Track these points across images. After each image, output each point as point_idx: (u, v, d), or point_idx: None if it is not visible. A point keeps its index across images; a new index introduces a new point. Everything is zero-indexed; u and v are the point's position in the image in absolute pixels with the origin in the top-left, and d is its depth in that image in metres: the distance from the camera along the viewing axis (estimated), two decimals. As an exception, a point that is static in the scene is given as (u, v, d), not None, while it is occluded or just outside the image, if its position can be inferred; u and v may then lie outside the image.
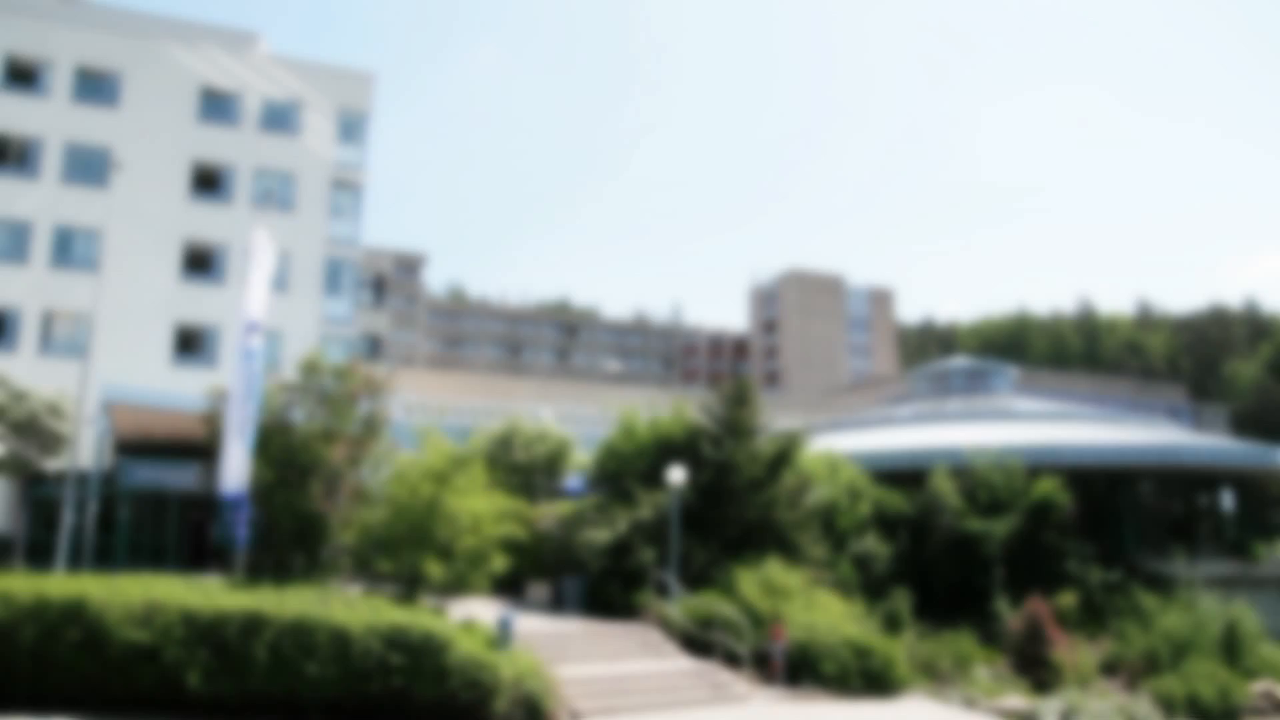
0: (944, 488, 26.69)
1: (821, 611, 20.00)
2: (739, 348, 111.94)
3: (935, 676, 20.58)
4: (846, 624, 19.87)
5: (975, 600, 25.19)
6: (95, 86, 39.48)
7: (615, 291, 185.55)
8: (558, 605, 23.35)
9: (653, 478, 23.56)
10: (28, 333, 36.81)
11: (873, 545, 25.20)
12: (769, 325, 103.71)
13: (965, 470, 27.96)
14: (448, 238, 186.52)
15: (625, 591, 21.68)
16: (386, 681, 11.82)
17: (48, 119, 38.41)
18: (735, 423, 24.03)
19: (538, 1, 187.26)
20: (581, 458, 29.21)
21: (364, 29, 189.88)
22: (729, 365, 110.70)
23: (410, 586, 16.75)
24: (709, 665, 18.21)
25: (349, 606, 12.64)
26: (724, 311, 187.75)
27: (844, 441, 32.87)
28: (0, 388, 25.95)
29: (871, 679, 18.56)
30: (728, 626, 18.94)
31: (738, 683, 17.77)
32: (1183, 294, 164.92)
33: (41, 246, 37.52)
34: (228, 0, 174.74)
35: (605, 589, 22.24)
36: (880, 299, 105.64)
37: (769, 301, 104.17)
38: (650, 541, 21.99)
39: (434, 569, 16.21)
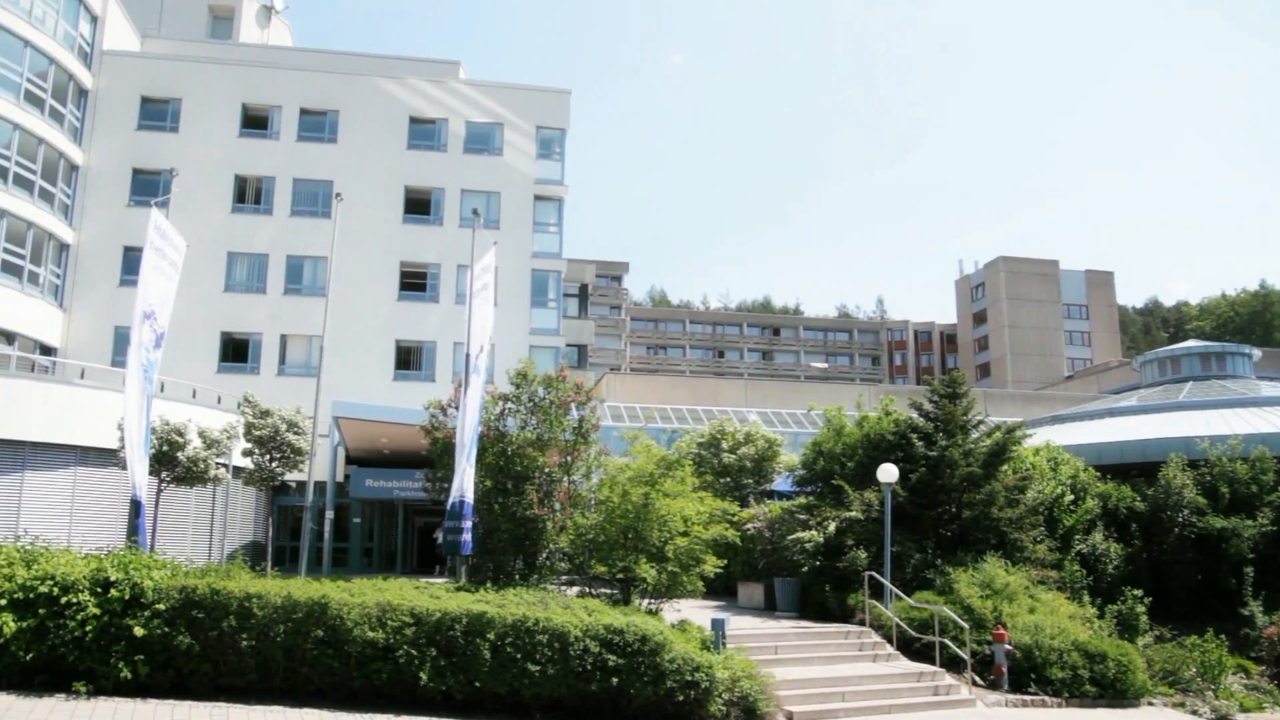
0: (1179, 481, 24.85)
1: (1046, 613, 19.01)
2: (948, 341, 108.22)
3: (1177, 685, 19.11)
4: (1074, 627, 18.80)
5: (1219, 604, 23.29)
6: (317, 125, 42.49)
7: (817, 290, 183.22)
8: (770, 607, 23.25)
9: (862, 477, 23.10)
10: (268, 356, 39.95)
11: (1100, 544, 23.75)
12: (979, 316, 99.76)
13: (1203, 462, 25.96)
14: (648, 244, 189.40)
15: (838, 593, 21.33)
16: (605, 682, 12.08)
17: (278, 159, 41.61)
18: (947, 418, 23.23)
19: (727, 6, 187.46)
20: (789, 458, 28.96)
21: (554, 45, 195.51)
22: (937, 359, 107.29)
23: (624, 589, 17.04)
24: (928, 668, 17.66)
25: (566, 609, 13.00)
26: (930, 304, 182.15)
27: (1065, 434, 31.19)
28: (248, 407, 28.19)
29: (1105, 686, 17.50)
30: (947, 628, 18.32)
31: (960, 687, 17.16)
32: None
33: (277, 276, 40.69)
34: (429, 31, 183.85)
35: (817, 590, 21.96)
36: (1099, 282, 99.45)
37: (978, 291, 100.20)
38: (861, 542, 21.56)
39: (647, 571, 16.42)
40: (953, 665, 17.97)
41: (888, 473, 20.54)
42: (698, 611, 19.55)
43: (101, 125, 40.55)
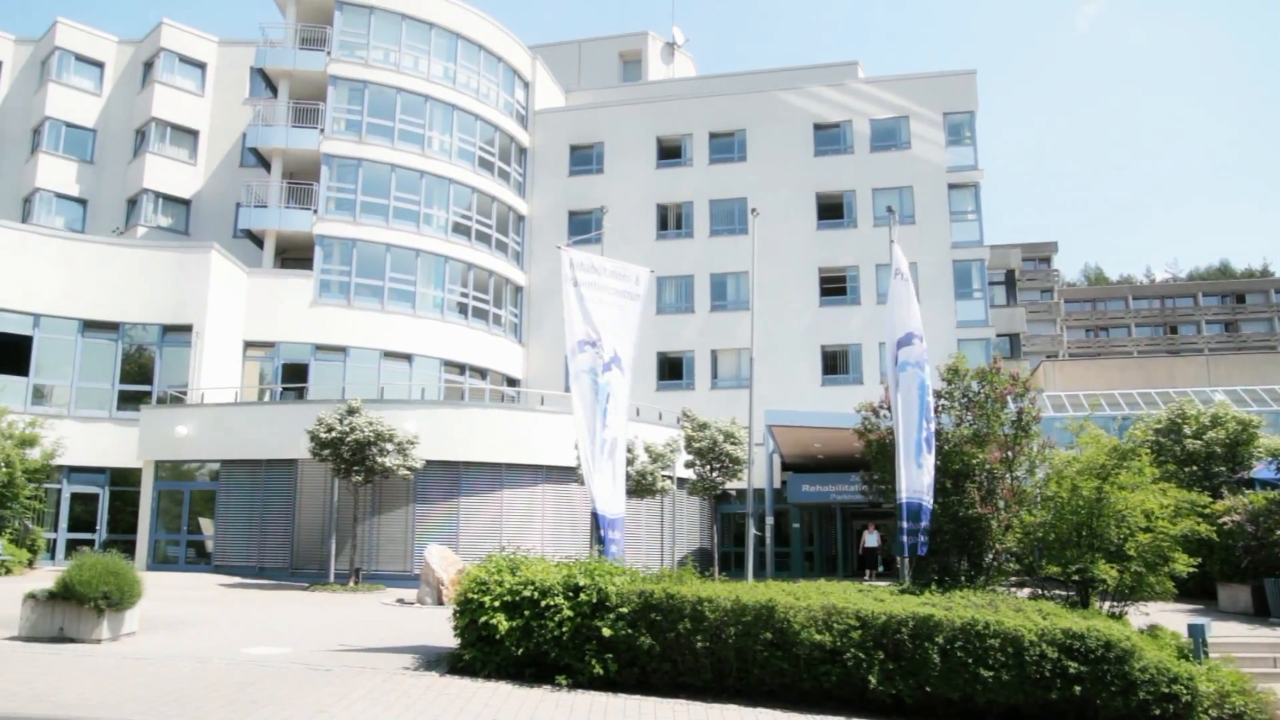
0: None
1: None
2: None
3: None
4: None
5: None
6: (726, 146, 44.26)
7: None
8: (1260, 612, 20.47)
9: (1371, 457, 19.72)
10: (701, 371, 42.06)
11: None
12: None
13: None
14: (1076, 220, 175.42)
15: (1353, 595, 18.32)
16: (1066, 690, 11.26)
17: (693, 184, 43.86)
18: None
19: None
20: (1270, 440, 25.47)
21: (949, 22, 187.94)
22: None
23: (1081, 591, 15.81)
24: None
25: (1018, 611, 12.29)
26: None
27: None
28: (687, 421, 29.91)
29: None
30: None
31: None
32: None
33: (702, 295, 42.79)
34: (821, 33, 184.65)
35: (1323, 591, 19.01)
36: None
37: None
38: (1379, 534, 18.35)
39: (1105, 571, 15.12)
40: None
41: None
42: (1169, 615, 17.73)
43: (539, 177, 45.22)
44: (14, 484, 26.97)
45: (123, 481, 32.12)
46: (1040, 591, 16.27)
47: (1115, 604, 15.91)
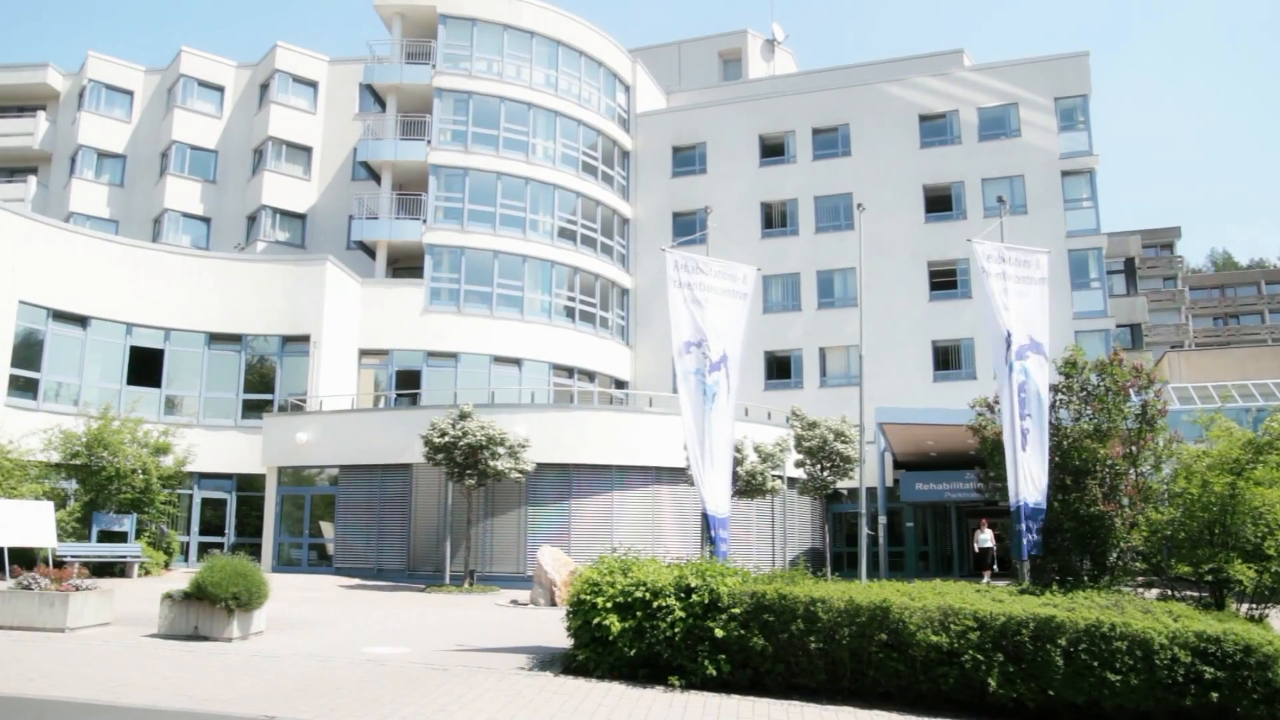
0: None
1: None
2: None
3: None
4: None
5: None
6: (829, 142, 43.78)
7: None
8: None
9: None
10: (809, 369, 41.66)
11: None
12: None
13: None
14: (1200, 203, 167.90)
15: None
16: (1201, 697, 10.74)
17: (797, 181, 43.49)
18: None
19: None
20: None
21: (1056, 5, 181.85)
22: None
23: (1215, 592, 15.10)
24: None
25: (1146, 613, 11.81)
26: None
27: None
28: (796, 420, 29.63)
29: None
30: None
31: None
32: None
33: (809, 292, 42.40)
34: (924, 25, 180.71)
35: None
36: None
37: None
38: None
39: (1241, 572, 14.40)
40: None
41: None
42: (1317, 618, 16.80)
43: (642, 179, 45.42)
44: (150, 490, 28.48)
45: (248, 487, 33.45)
46: (1170, 592, 15.62)
47: (1254, 606, 15.15)
